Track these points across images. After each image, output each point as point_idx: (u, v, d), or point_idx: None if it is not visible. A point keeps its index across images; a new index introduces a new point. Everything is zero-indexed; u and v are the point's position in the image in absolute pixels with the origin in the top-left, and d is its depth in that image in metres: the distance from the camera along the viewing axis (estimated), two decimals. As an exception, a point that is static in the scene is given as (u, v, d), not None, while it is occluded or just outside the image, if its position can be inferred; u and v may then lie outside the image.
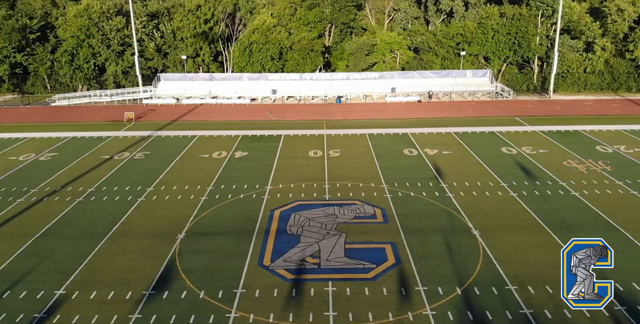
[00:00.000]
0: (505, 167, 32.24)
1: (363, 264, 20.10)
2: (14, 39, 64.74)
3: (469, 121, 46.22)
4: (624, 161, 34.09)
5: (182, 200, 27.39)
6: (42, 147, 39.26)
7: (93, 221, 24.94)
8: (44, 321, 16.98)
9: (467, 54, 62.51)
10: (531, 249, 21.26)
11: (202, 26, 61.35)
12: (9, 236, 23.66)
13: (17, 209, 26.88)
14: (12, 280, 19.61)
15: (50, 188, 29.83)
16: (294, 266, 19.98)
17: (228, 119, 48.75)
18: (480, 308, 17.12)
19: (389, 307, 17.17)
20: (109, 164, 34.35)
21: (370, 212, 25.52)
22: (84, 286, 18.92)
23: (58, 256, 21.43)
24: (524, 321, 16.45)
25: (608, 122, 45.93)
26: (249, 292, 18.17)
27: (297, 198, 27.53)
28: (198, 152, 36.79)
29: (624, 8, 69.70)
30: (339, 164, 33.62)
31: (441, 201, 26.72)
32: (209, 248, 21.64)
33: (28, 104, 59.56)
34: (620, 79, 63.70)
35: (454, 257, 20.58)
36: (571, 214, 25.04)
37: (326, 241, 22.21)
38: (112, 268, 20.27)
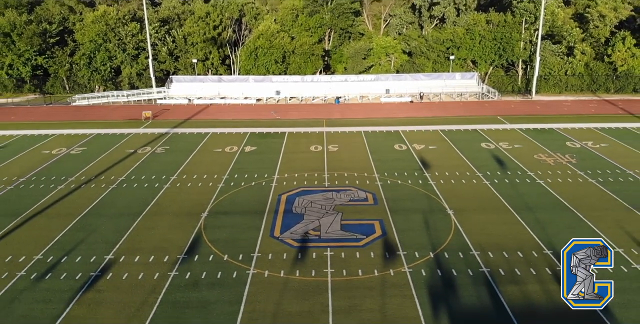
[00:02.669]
0: (482, 160, 36.30)
1: (355, 236, 24.17)
2: (35, 43, 68.61)
3: (454, 119, 50.23)
4: (588, 154, 38.13)
5: (202, 187, 31.47)
6: (71, 143, 43.29)
7: (128, 203, 29.02)
8: (99, 278, 21.02)
9: (456, 58, 66.48)
10: (495, 225, 25.34)
11: (211, 32, 65.36)
12: (58, 215, 27.74)
13: (60, 194, 30.96)
14: (67, 249, 23.66)
15: (86, 177, 33.90)
16: (299, 237, 24.07)
17: (236, 118, 52.70)
18: (447, 267, 21.21)
19: (374, 266, 21.28)
20: (134, 157, 38.41)
21: (363, 196, 29.60)
22: (128, 252, 23.00)
23: (102, 230, 25.49)
24: (482, 277, 20.52)
25: (582, 120, 49.88)
26: (263, 255, 22.27)
27: (301, 185, 31.60)
28: (212, 147, 40.85)
29: (605, 14, 73.71)
30: (337, 157, 37.66)
31: (423, 188, 30.81)
32: (229, 223, 25.74)
33: (50, 104, 63.55)
34: (599, 80, 67.66)
35: (430, 230, 24.67)
36: (533, 198, 29.11)
37: (325, 218, 26.29)
38: (149, 239, 24.34)
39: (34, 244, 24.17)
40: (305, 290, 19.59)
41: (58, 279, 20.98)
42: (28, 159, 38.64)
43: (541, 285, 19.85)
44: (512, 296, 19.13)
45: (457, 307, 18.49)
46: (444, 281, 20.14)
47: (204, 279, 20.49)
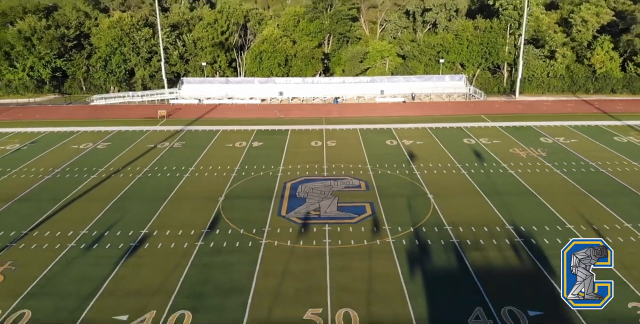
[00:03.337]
0: (463, 154, 40.51)
1: (349, 215, 28.39)
2: (55, 47, 72.79)
3: (442, 118, 54.36)
4: (558, 149, 42.34)
5: (217, 176, 35.68)
6: (96, 139, 47.48)
7: (154, 189, 33.24)
8: (137, 247, 25.20)
9: (446, 61, 70.67)
10: (467, 207, 29.55)
11: (219, 37, 69.53)
12: (95, 199, 31.95)
13: (94, 182, 35.18)
14: (107, 225, 27.85)
15: (114, 168, 38.12)
16: (302, 216, 28.30)
17: (243, 117, 56.85)
18: (424, 238, 25.43)
19: (364, 237, 25.51)
20: (155, 151, 42.62)
21: (357, 184, 33.82)
22: (160, 228, 27.22)
23: (135, 211, 29.72)
24: (452, 246, 24.73)
25: (558, 119, 54.05)
26: (273, 229, 26.50)
27: (303, 175, 35.80)
28: (223, 143, 45.05)
29: (587, 19, 77.84)
30: (334, 151, 41.85)
31: (409, 177, 35.03)
32: (243, 205, 29.98)
33: (70, 103, 67.74)
34: (579, 82, 71.88)
35: (412, 211, 28.90)
36: (503, 185, 33.33)
37: (324, 201, 30.51)
38: (176, 217, 28.56)
39: (78, 222, 28.38)
40: (307, 255, 23.83)
41: (104, 249, 25.20)
42: (59, 153, 42.83)
43: (499, 252, 24.08)
44: (475, 260, 23.35)
45: (429, 267, 22.73)
46: (420, 249, 24.38)
47: (225, 248, 24.74)
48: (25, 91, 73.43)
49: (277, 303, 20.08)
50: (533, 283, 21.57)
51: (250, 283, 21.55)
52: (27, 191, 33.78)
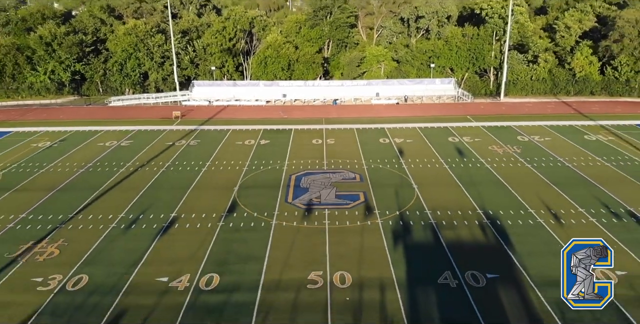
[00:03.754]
0: (446, 150, 45.09)
1: (346, 202, 32.99)
2: (74, 52, 77.28)
3: (431, 118, 58.85)
4: (532, 146, 46.92)
5: (231, 169, 40.30)
6: (119, 137, 52.02)
7: (178, 181, 37.84)
8: (169, 227, 29.79)
9: (436, 66, 75.19)
10: (445, 195, 34.16)
11: (227, 43, 74.06)
12: (127, 189, 36.55)
13: (123, 175, 39.77)
14: (141, 210, 32.42)
15: (140, 163, 42.72)
16: (305, 202, 32.93)
17: (250, 117, 61.36)
18: (407, 220, 30.06)
19: (358, 219, 30.16)
20: (174, 148, 47.20)
21: (352, 176, 38.43)
22: (186, 211, 31.83)
23: (164, 198, 34.31)
24: (430, 225, 29.34)
25: (537, 119, 58.53)
26: (281, 213, 31.13)
27: (306, 169, 40.39)
28: (234, 140, 49.62)
29: (570, 25, 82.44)
30: (333, 148, 46.42)
31: (398, 170, 39.65)
32: (255, 194, 34.60)
33: (90, 105, 72.28)
34: (560, 85, 76.37)
35: (398, 198, 33.52)
36: (478, 177, 37.93)
37: (324, 190, 35.13)
38: (199, 203, 33.17)
39: (115, 207, 33.00)
40: (310, 232, 28.47)
41: (140, 228, 29.82)
42: (88, 150, 47.40)
43: (469, 230, 28.73)
44: (448, 236, 27.97)
45: (410, 242, 27.36)
46: (403, 228, 29.02)
47: (242, 227, 29.38)
48: (47, 92, 77.85)
49: (286, 268, 24.73)
50: (493, 254, 26.23)
51: (264, 253, 26.21)
52: (65, 182, 38.38)
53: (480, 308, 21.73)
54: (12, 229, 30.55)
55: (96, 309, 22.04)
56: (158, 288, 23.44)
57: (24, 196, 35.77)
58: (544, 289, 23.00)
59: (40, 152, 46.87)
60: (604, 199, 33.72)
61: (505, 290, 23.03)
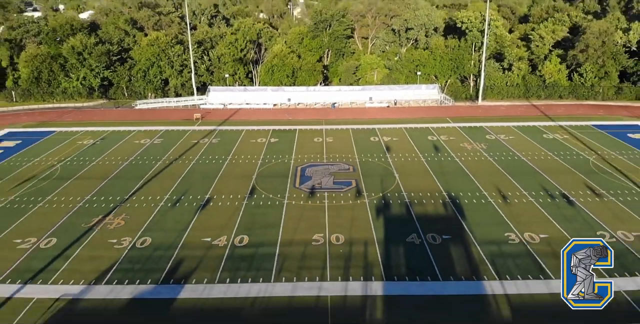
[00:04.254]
0: (425, 147, 53.17)
1: (341, 187, 41.13)
2: (102, 60, 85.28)
3: (415, 120, 66.89)
4: (497, 143, 54.97)
5: (248, 162, 48.41)
6: (151, 136, 60.03)
7: (206, 171, 45.92)
8: (205, 205, 37.87)
9: (423, 73, 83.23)
10: (420, 182, 42.26)
11: (239, 53, 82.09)
12: (167, 177, 44.60)
13: (161, 167, 47.84)
14: (181, 193, 40.50)
15: (173, 157, 50.80)
16: (309, 187, 41.07)
17: (260, 119, 69.39)
18: (387, 199, 38.20)
19: (350, 199, 38.33)
20: (199, 145, 55.24)
21: (347, 168, 46.53)
22: (217, 194, 39.94)
23: (198, 184, 42.39)
24: (405, 203, 37.47)
25: (506, 120, 66.46)
26: (291, 195, 39.30)
27: (309, 162, 48.48)
28: (249, 139, 57.68)
29: (544, 36, 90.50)
30: (332, 146, 54.46)
31: (384, 163, 47.77)
32: (270, 181, 42.73)
33: (118, 107, 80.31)
34: (532, 89, 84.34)
35: (383, 184, 41.66)
36: (448, 168, 46.03)
37: (324, 178, 43.25)
38: (226, 188, 41.29)
39: (160, 191, 41.11)
40: (313, 208, 36.62)
41: (183, 206, 37.95)
42: (126, 146, 55.43)
43: (434, 206, 36.91)
44: (417, 210, 36.12)
45: (388, 214, 35.51)
46: (384, 205, 37.18)
47: (261, 205, 37.57)
48: (79, 96, 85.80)
49: (296, 231, 32.91)
50: (449, 222, 34.42)
51: (279, 222, 34.40)
52: (115, 172, 46.49)
53: (436, 259, 29.87)
54: (82, 207, 38.68)
55: (161, 259, 30.21)
56: (204, 245, 31.63)
57: (84, 183, 43.86)
58: (483, 246, 31.21)
59: (86, 149, 54.88)
60: (544, 185, 41.87)
61: (455, 247, 31.21)
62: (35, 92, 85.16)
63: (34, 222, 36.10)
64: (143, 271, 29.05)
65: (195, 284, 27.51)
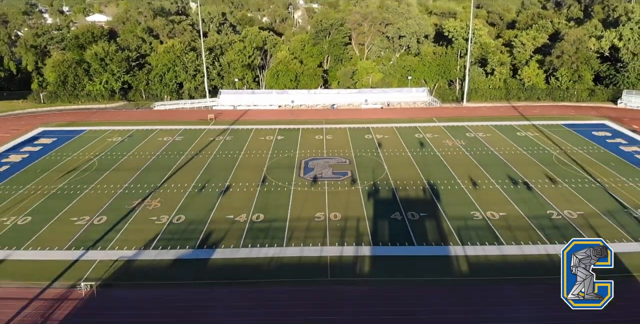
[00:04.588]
0: (412, 143, 60.11)
1: (339, 176, 48.11)
2: (123, 66, 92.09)
3: (405, 120, 73.74)
4: (475, 140, 61.85)
5: (260, 156, 55.37)
6: (172, 134, 66.91)
7: (224, 164, 52.86)
8: (225, 191, 44.85)
9: (413, 78, 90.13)
10: (405, 172, 49.22)
11: (247, 60, 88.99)
12: (190, 169, 51.53)
13: (185, 160, 54.77)
14: (205, 180, 47.46)
15: (194, 152, 57.74)
16: (312, 177, 48.07)
17: (267, 119, 76.25)
18: (377, 186, 45.18)
19: (346, 186, 45.35)
20: (215, 142, 62.15)
21: (344, 160, 53.49)
22: (235, 182, 46.93)
23: (218, 174, 49.33)
24: (391, 189, 44.45)
25: (486, 120, 73.31)
26: (296, 183, 46.30)
27: (311, 156, 55.42)
28: (258, 136, 64.59)
29: (525, 43, 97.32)
30: (331, 142, 61.32)
31: (375, 157, 54.73)
32: (278, 171, 49.71)
33: (138, 108, 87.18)
34: (512, 92, 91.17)
35: (374, 174, 48.64)
36: (430, 161, 52.97)
37: (324, 170, 50.24)
38: (242, 177, 48.26)
39: (187, 179, 48.07)
40: (315, 193, 43.61)
41: (207, 191, 44.93)
42: (152, 143, 62.31)
43: (414, 191, 43.91)
44: (401, 194, 43.10)
45: (377, 198, 42.50)
46: (374, 190, 44.16)
47: (272, 191, 44.56)
48: (102, 98, 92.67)
49: (302, 210, 39.92)
50: (427, 203, 41.45)
51: (288, 203, 41.45)
52: (146, 165, 53.42)
53: (413, 230, 36.86)
54: (122, 193, 45.63)
55: (195, 231, 37.22)
56: (228, 221, 38.65)
57: (120, 173, 50.79)
58: (452, 221, 38.25)
59: (117, 145, 61.77)
60: (510, 174, 48.84)
61: (429, 221, 38.23)
62: (61, 95, 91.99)
63: (85, 204, 43.06)
64: (181, 239, 36.06)
65: (224, 248, 34.56)
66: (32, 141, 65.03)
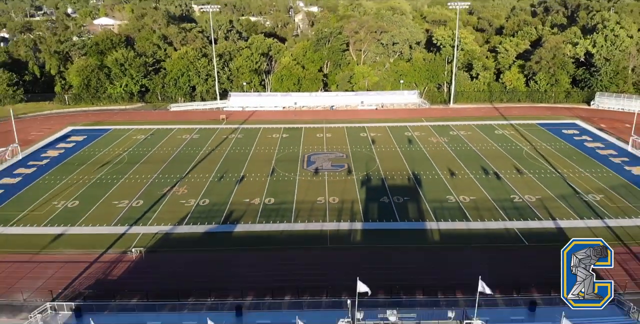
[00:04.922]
0: (401, 141, 67.31)
1: (337, 168, 55.36)
2: (141, 70, 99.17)
3: (396, 119, 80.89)
4: (456, 137, 69.03)
5: (268, 151, 62.60)
6: (189, 132, 74.08)
7: (238, 158, 60.09)
8: (241, 180, 52.12)
9: (405, 81, 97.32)
10: (394, 164, 56.45)
11: (254, 65, 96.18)
12: (209, 162, 58.73)
13: (203, 155, 61.98)
14: (223, 171, 54.71)
15: (211, 148, 64.97)
16: (314, 168, 55.34)
17: (273, 118, 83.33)
18: (370, 176, 52.45)
19: (343, 176, 52.65)
20: (228, 139, 69.34)
21: (342, 155, 60.70)
22: (248, 172, 54.19)
23: (233, 166, 56.57)
24: (381, 179, 51.72)
25: (469, 120, 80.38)
26: (301, 173, 53.59)
27: (313, 151, 62.62)
28: (266, 134, 71.80)
29: (508, 49, 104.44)
30: (330, 140, 68.50)
31: (369, 152, 61.98)
32: (285, 164, 56.96)
33: (156, 110, 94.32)
34: (495, 94, 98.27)
35: (367, 166, 55.90)
36: (416, 155, 60.19)
37: (325, 163, 57.51)
38: (254, 168, 55.50)
39: (208, 171, 55.29)
40: (317, 182, 50.89)
41: (226, 180, 52.20)
42: (173, 140, 69.49)
43: (401, 180, 51.20)
44: (389, 183, 50.36)
45: (369, 185, 49.76)
46: (367, 180, 51.44)
47: (280, 180, 51.84)
48: (122, 100, 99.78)
49: (306, 195, 47.21)
50: (410, 189, 48.73)
51: (294, 190, 48.75)
52: (170, 158, 60.63)
53: (397, 210, 44.14)
54: (153, 182, 52.86)
55: (219, 211, 44.50)
56: (245, 203, 45.95)
57: (149, 165, 57.99)
58: (430, 203, 45.60)
59: (142, 142, 68.92)
60: (484, 166, 56.09)
61: (412, 204, 45.54)
62: (85, 97, 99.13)
63: (122, 191, 50.30)
64: (208, 217, 43.36)
65: (243, 224, 41.89)
66: (65, 138, 72.09)
